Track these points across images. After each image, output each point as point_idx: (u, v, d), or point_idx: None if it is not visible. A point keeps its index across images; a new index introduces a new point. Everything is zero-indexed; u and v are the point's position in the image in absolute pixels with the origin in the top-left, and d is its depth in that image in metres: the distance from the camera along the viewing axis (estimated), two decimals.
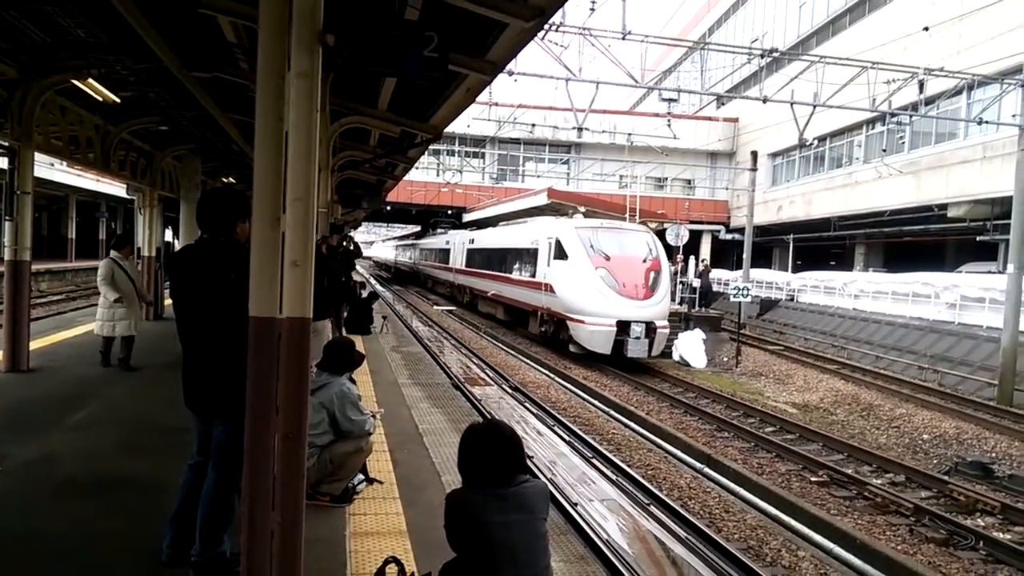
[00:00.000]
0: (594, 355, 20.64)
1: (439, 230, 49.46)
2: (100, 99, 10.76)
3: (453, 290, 38.83)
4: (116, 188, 33.89)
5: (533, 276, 24.02)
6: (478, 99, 11.69)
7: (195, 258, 4.35)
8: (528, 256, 24.95)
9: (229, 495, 4.29)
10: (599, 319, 20.02)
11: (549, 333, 23.36)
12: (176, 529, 4.40)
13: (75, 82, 9.89)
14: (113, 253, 10.23)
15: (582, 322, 20.42)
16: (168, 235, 34.46)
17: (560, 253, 21.84)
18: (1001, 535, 9.24)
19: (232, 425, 4.10)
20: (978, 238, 25.65)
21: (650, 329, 20.04)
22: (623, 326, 19.86)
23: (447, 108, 10.79)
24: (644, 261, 21.07)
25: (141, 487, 5.75)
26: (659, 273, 21.08)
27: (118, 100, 10.94)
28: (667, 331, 21.15)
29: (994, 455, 12.89)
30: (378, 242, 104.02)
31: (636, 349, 19.84)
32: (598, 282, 20.36)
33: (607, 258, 20.79)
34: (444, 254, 41.08)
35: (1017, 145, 18.32)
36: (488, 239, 32.65)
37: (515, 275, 26.45)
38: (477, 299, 33.16)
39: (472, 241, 34.74)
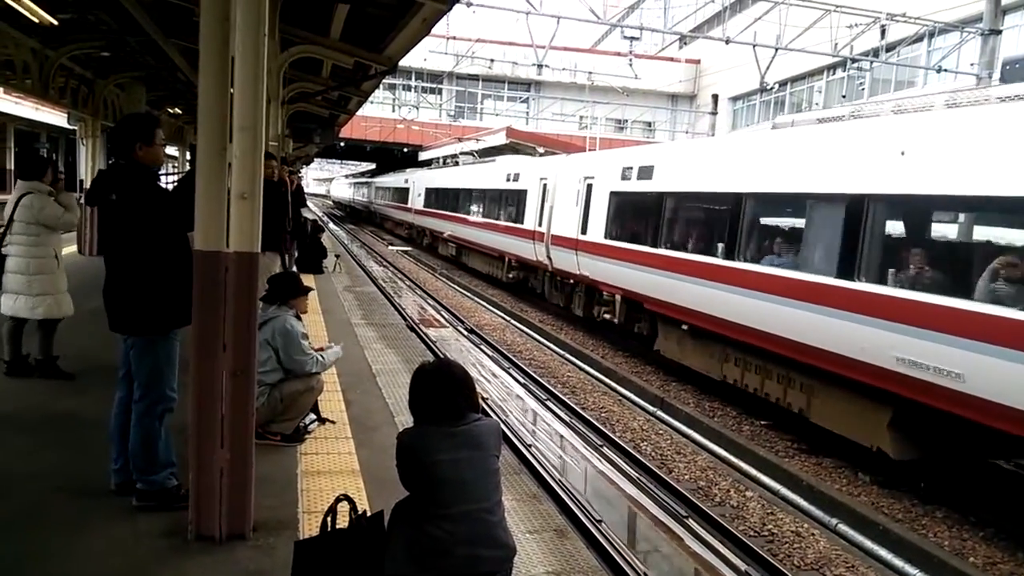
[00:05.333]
0: None
1: (467, 157, 32.50)
2: (36, 21, 10.22)
3: (547, 284, 18.71)
4: (58, 117, 32.67)
5: None
6: (435, 31, 11.40)
7: (97, 182, 4.46)
8: None
9: (151, 419, 4.23)
10: None
11: None
12: (119, 448, 4.40)
13: (8, 1, 9.36)
14: (24, 184, 6.57)
15: None
16: None
17: None
18: None
19: (139, 345, 4.17)
20: None
21: None
22: None
23: (402, 39, 10.47)
24: None
25: (82, 423, 5.59)
26: None
27: (55, 22, 10.42)
28: None
29: None
30: (338, 178, 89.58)
31: None
32: None
33: None
34: (509, 202, 20.97)
35: None
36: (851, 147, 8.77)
37: None
38: (654, 319, 13.28)
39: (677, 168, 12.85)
